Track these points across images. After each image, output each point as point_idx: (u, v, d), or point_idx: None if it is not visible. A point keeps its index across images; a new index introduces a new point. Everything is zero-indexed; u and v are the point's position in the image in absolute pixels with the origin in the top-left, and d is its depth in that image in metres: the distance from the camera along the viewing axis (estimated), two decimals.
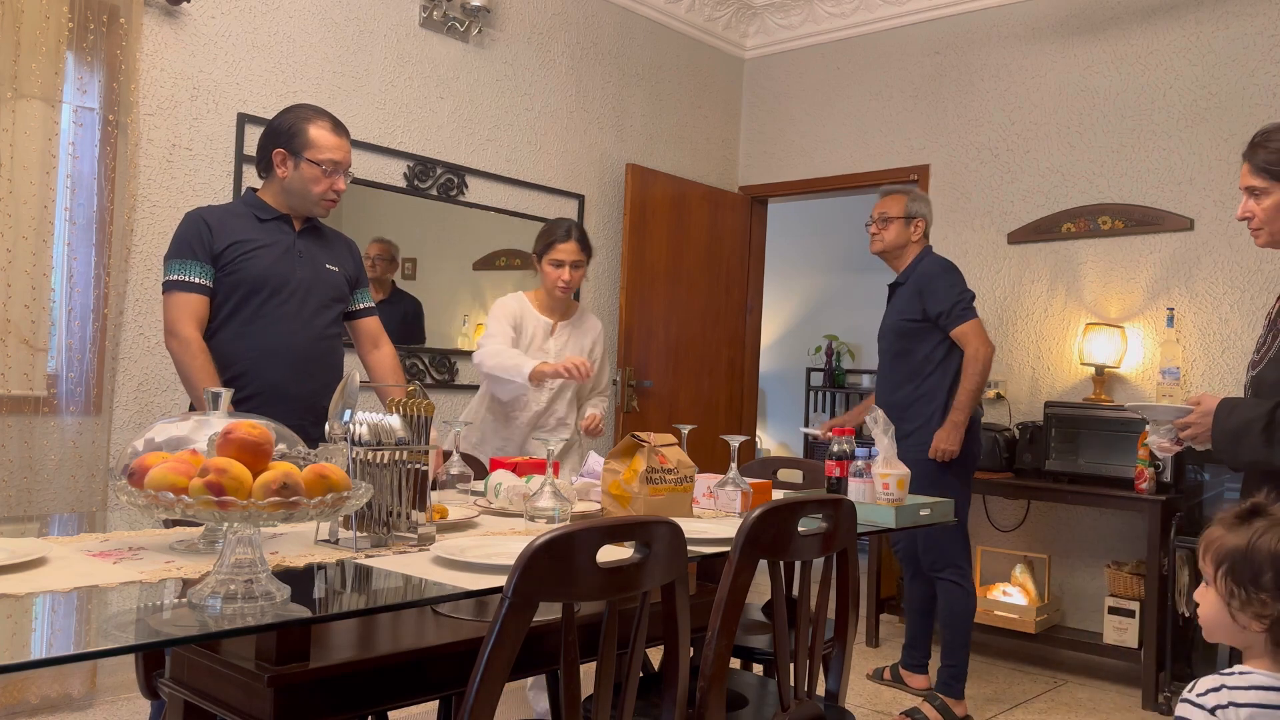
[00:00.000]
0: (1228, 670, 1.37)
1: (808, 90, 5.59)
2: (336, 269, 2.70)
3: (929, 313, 3.49)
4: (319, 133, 2.55)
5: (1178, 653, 3.81)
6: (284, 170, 2.56)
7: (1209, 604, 1.41)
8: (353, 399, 1.78)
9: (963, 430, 3.45)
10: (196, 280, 2.49)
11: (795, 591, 2.40)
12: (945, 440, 3.44)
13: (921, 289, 3.51)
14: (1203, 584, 1.44)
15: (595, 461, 2.66)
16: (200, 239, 2.50)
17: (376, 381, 2.81)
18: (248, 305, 2.52)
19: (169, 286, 2.49)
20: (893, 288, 3.68)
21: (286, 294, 2.56)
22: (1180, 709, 1.37)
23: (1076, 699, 3.88)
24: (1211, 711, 1.33)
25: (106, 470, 3.32)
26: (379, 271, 4.21)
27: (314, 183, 2.56)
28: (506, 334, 3.23)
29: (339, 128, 2.61)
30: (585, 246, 3.31)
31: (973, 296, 3.52)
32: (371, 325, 2.82)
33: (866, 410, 3.76)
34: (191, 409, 2.54)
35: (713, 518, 2.25)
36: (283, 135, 2.57)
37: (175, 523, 1.88)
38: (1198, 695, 1.35)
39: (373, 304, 2.85)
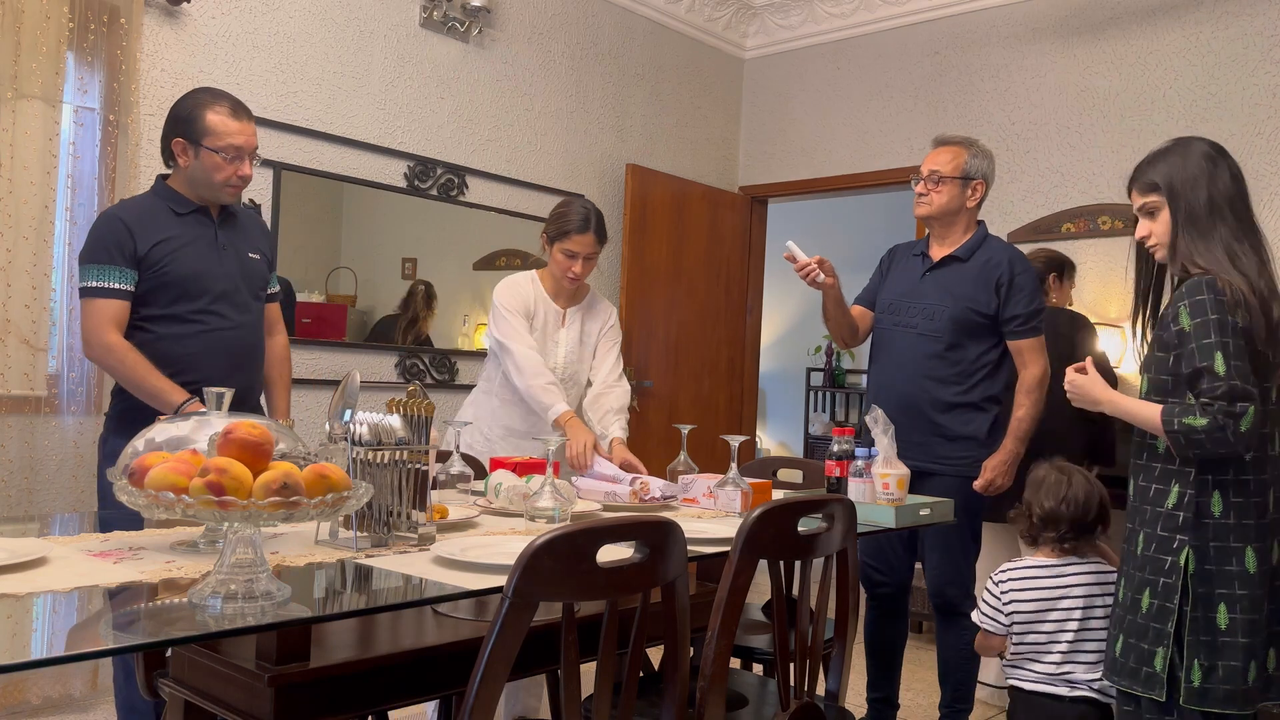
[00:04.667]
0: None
1: (808, 90, 5.59)
2: (258, 256, 2.65)
3: (1005, 311, 3.01)
4: (216, 118, 2.46)
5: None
6: (185, 159, 2.49)
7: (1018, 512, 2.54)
8: (353, 398, 1.78)
9: (1018, 464, 2.98)
10: (116, 285, 2.41)
11: (795, 591, 2.40)
12: (1002, 475, 2.97)
13: (1001, 281, 3.02)
14: None
15: (599, 463, 2.66)
16: (119, 243, 2.42)
17: (265, 369, 2.71)
18: (179, 305, 2.47)
19: (87, 293, 2.41)
20: (942, 262, 3.13)
21: (217, 291, 2.51)
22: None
23: None
24: (1001, 595, 2.43)
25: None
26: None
27: (216, 170, 2.48)
28: (524, 329, 2.95)
29: (239, 111, 2.50)
30: (602, 236, 3.06)
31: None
32: (272, 310, 2.75)
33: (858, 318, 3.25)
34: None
35: (713, 518, 2.25)
36: (181, 123, 2.48)
37: (175, 523, 1.88)
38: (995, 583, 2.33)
39: (279, 289, 2.80)
